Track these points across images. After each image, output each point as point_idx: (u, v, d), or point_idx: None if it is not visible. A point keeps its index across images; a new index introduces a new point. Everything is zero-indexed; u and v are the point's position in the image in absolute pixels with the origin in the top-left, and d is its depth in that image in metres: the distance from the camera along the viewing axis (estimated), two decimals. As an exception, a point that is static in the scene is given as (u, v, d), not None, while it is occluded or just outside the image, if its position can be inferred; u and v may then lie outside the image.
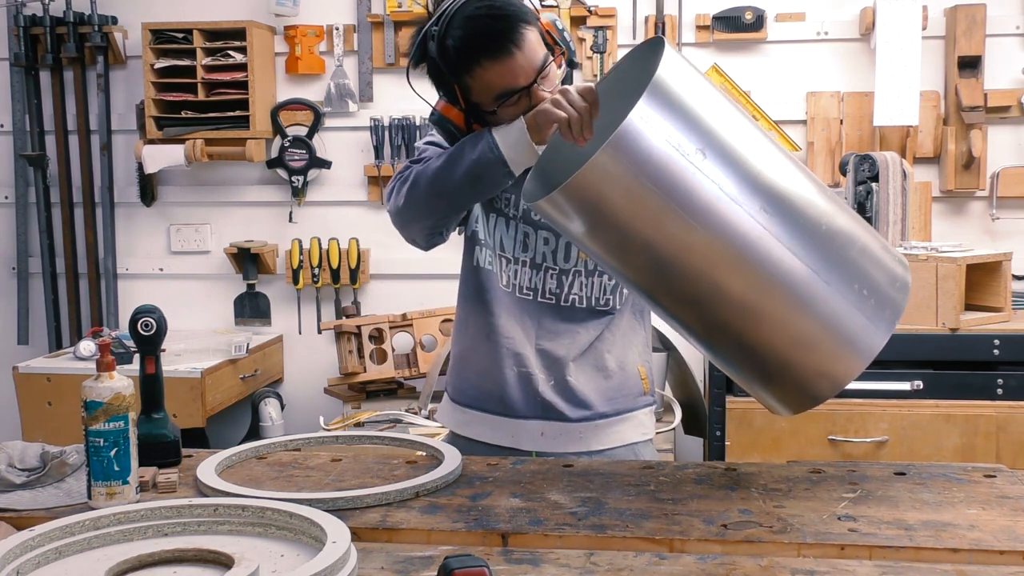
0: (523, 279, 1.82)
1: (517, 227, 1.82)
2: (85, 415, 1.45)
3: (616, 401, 1.84)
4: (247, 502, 1.37)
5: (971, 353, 2.91)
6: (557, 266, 1.81)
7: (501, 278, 1.83)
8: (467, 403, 1.90)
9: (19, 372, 3.26)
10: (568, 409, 1.82)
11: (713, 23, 3.52)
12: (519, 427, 1.83)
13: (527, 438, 1.83)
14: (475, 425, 1.88)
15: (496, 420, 1.85)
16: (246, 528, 1.35)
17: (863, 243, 1.47)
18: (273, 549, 1.30)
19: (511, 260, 1.82)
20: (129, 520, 1.34)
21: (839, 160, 3.38)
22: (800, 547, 1.31)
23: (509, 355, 1.82)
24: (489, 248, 1.84)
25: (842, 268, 1.43)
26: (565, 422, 1.82)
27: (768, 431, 2.93)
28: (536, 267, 1.81)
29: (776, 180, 1.41)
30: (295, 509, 1.32)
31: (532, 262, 1.81)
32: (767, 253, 1.38)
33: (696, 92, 1.40)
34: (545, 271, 1.81)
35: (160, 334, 1.69)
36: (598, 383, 1.83)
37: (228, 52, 3.58)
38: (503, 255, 1.83)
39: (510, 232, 1.82)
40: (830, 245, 1.43)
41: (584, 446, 1.82)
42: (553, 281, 1.81)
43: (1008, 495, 1.49)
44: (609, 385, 1.84)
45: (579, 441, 1.82)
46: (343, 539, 1.22)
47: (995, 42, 3.41)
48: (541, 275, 1.81)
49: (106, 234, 3.82)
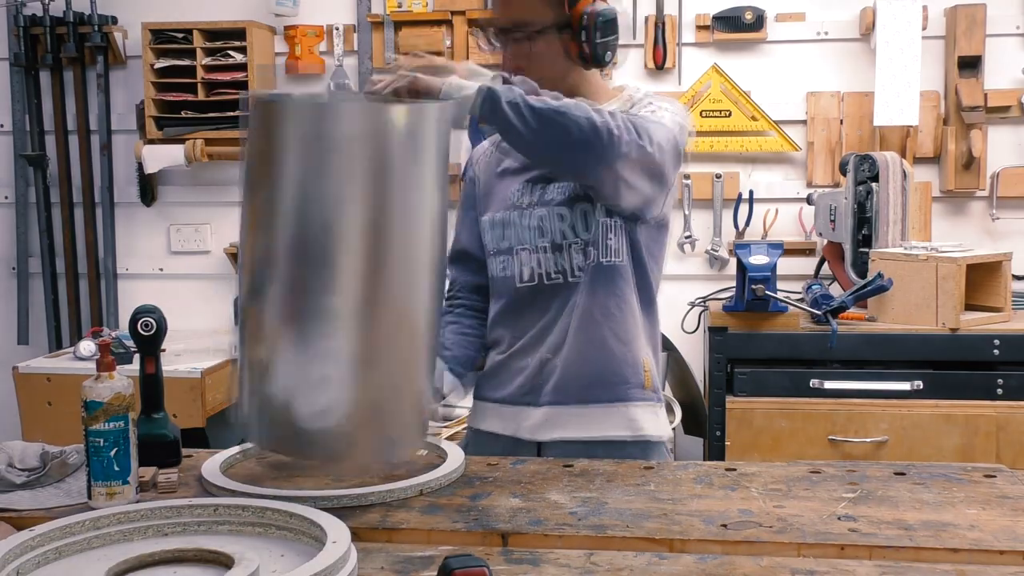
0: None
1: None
2: (85, 415, 1.45)
3: (595, 389, 1.80)
4: (247, 502, 1.37)
5: (971, 353, 2.91)
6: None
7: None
8: (478, 394, 1.92)
9: (19, 372, 3.26)
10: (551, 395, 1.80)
11: (713, 23, 3.52)
12: (518, 413, 1.84)
13: (525, 427, 1.83)
14: (487, 416, 1.90)
15: (499, 408, 1.87)
16: (246, 528, 1.35)
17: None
18: (273, 549, 1.30)
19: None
20: (129, 520, 1.34)
21: (839, 160, 3.38)
22: (800, 547, 1.30)
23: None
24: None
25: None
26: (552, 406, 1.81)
27: (768, 431, 2.93)
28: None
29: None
30: (295, 509, 1.32)
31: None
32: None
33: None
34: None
35: (160, 334, 1.69)
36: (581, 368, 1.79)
37: (228, 52, 3.58)
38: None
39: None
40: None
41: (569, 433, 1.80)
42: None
43: (1008, 495, 1.49)
44: (594, 371, 1.80)
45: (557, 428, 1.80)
46: (343, 539, 1.22)
47: (995, 42, 3.41)
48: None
49: (106, 234, 3.82)
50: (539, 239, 1.79)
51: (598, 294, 1.78)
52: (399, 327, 1.43)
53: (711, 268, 3.61)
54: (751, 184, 3.55)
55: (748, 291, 2.89)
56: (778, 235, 3.50)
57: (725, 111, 3.52)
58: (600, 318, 1.78)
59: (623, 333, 1.79)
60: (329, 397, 1.40)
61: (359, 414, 1.42)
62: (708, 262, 3.60)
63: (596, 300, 1.78)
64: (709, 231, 3.59)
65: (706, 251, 3.58)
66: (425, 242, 1.45)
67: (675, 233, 3.58)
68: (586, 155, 1.59)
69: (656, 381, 1.86)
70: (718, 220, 3.56)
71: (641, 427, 1.81)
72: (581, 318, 1.78)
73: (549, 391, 1.80)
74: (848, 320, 2.99)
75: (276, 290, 1.41)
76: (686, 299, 3.50)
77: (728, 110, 3.52)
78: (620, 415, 1.80)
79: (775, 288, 2.94)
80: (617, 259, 1.77)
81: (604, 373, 1.79)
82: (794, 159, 3.57)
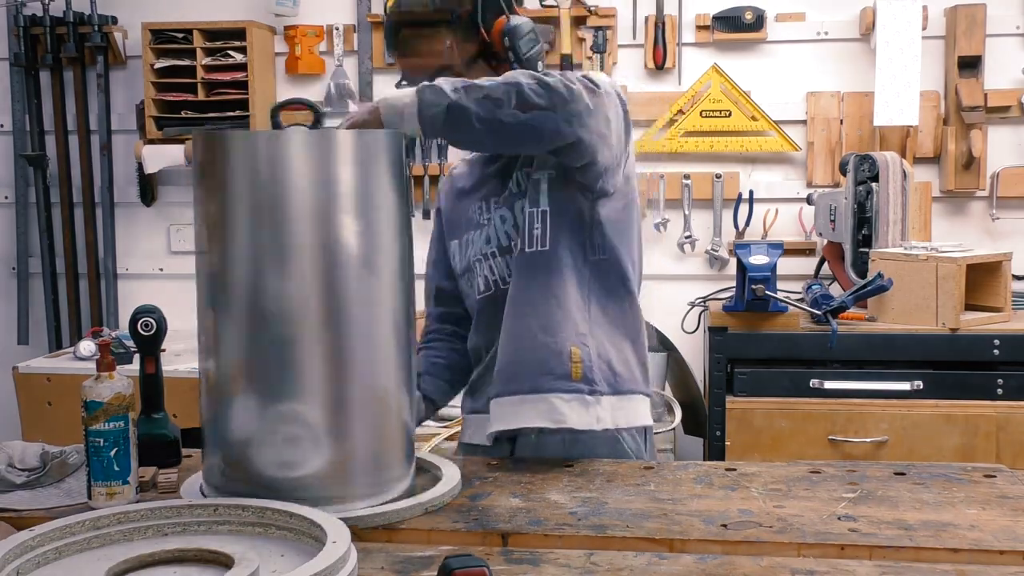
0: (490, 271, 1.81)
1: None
2: (85, 415, 1.45)
3: (519, 381, 1.74)
4: (247, 502, 1.37)
5: (971, 353, 2.91)
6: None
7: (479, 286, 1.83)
8: (464, 409, 1.91)
9: (19, 372, 3.26)
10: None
11: (713, 23, 3.52)
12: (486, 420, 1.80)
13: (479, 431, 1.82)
14: (468, 427, 1.90)
15: (477, 419, 1.85)
16: (246, 528, 1.35)
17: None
18: (273, 549, 1.29)
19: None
20: (129, 520, 1.34)
21: (839, 160, 3.38)
22: (800, 547, 1.30)
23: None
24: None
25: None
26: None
27: (768, 431, 2.93)
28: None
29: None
30: (295, 509, 1.32)
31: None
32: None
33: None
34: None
35: (160, 334, 1.70)
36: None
37: (228, 52, 3.58)
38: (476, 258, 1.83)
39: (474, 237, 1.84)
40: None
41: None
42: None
43: (1008, 495, 1.49)
44: (519, 362, 1.74)
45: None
46: (343, 539, 1.22)
47: (995, 42, 3.40)
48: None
49: (106, 234, 3.82)
50: (486, 246, 1.79)
51: (522, 284, 1.73)
52: (368, 388, 1.46)
53: (711, 268, 3.61)
54: (751, 184, 3.55)
55: (748, 291, 2.89)
56: (778, 235, 3.50)
57: (725, 111, 3.52)
58: (526, 308, 1.72)
59: (548, 323, 1.71)
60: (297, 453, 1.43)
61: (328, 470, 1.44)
62: (708, 262, 3.60)
63: (520, 290, 1.73)
64: (709, 231, 3.59)
65: (706, 251, 3.58)
66: (388, 291, 1.47)
67: (675, 233, 3.59)
68: (556, 115, 1.56)
69: (596, 371, 1.73)
70: (718, 220, 3.56)
71: (563, 418, 1.71)
72: (509, 309, 1.74)
73: (492, 386, 1.76)
74: (848, 320, 2.98)
75: (233, 348, 1.45)
76: (686, 299, 3.50)
77: (728, 110, 3.52)
78: (544, 405, 1.72)
79: (775, 288, 2.93)
80: (541, 247, 1.71)
81: (528, 363, 1.72)
82: (794, 159, 3.57)
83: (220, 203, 1.44)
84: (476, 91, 1.54)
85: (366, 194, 1.44)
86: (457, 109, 1.53)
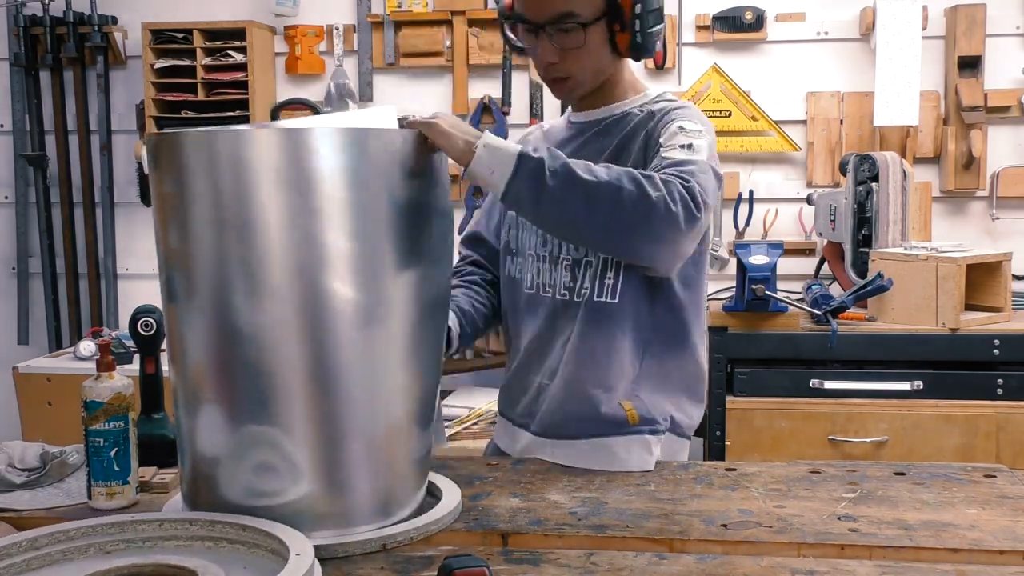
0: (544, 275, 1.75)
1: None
2: (85, 415, 1.45)
3: (577, 425, 1.70)
4: (195, 515, 1.29)
5: (971, 353, 2.91)
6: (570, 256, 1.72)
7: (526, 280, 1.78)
8: (499, 409, 1.90)
9: (19, 372, 3.26)
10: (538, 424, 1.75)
11: (713, 23, 3.52)
12: (516, 434, 1.81)
13: (517, 448, 1.80)
14: (500, 430, 1.89)
15: (508, 426, 1.84)
16: (195, 543, 1.27)
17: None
18: (233, 563, 1.22)
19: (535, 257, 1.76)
20: (68, 539, 1.25)
21: (839, 160, 3.38)
22: (800, 547, 1.30)
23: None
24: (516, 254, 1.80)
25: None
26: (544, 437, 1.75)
27: (768, 431, 2.93)
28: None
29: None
30: (247, 521, 1.26)
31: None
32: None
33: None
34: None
35: (160, 334, 1.69)
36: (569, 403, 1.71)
37: (228, 52, 3.58)
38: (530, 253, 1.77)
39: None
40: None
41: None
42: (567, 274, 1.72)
43: (1008, 495, 1.49)
44: (575, 411, 1.70)
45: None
46: (306, 551, 1.16)
47: (995, 42, 3.41)
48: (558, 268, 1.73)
49: (106, 234, 3.82)
50: (543, 248, 1.74)
51: (588, 335, 1.68)
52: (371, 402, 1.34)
53: (711, 268, 3.60)
54: (751, 184, 3.55)
55: (748, 291, 2.89)
56: (778, 235, 3.50)
57: (725, 111, 3.52)
58: (588, 362, 1.68)
59: (606, 380, 1.68)
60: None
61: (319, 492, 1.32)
62: (708, 262, 3.59)
63: (586, 341, 1.68)
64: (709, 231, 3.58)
65: (706, 251, 3.58)
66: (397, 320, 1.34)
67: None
68: (641, 242, 1.50)
69: (652, 413, 1.71)
70: (718, 220, 3.55)
71: (625, 462, 1.67)
72: (571, 356, 1.69)
73: (538, 420, 1.75)
74: (848, 320, 2.98)
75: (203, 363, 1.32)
76: (686, 299, 3.50)
77: (728, 110, 3.52)
78: (603, 450, 1.68)
79: (775, 288, 2.93)
80: (611, 299, 1.67)
81: (585, 413, 1.69)
82: (794, 159, 3.57)
83: (178, 215, 1.28)
84: (574, 185, 1.45)
85: (357, 201, 1.28)
86: (548, 202, 1.45)
